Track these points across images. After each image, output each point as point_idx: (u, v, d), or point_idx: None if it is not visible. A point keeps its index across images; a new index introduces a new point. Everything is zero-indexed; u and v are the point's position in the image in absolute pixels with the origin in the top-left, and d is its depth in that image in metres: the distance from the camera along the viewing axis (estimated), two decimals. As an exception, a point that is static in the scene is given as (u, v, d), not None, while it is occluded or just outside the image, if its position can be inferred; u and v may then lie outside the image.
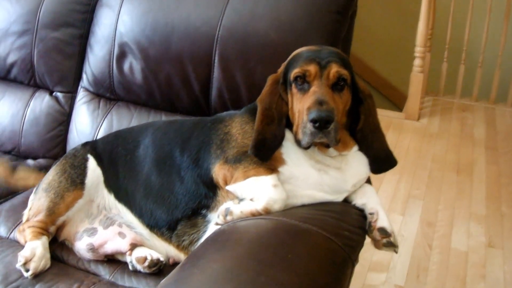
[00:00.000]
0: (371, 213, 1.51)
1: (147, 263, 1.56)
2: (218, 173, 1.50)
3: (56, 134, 2.24)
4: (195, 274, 1.17)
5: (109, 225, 1.66)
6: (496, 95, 4.77)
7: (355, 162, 1.52)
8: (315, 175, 1.47)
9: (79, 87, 2.25)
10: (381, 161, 1.55)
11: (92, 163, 1.72)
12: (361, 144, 1.53)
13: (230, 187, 1.47)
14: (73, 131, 2.21)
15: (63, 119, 2.25)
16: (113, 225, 1.66)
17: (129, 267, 1.61)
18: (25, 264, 1.53)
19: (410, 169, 3.70)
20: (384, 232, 1.46)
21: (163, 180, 1.61)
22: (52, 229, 1.66)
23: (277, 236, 1.30)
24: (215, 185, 1.52)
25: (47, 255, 1.59)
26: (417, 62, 4.47)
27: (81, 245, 1.65)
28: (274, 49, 1.81)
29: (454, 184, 3.52)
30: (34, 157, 2.22)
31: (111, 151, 1.75)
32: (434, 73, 4.94)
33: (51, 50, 2.23)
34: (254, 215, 1.42)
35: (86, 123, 2.18)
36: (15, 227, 1.77)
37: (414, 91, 4.50)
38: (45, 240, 1.62)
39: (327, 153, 1.48)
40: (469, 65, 4.80)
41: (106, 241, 1.64)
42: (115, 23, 2.09)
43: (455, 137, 4.21)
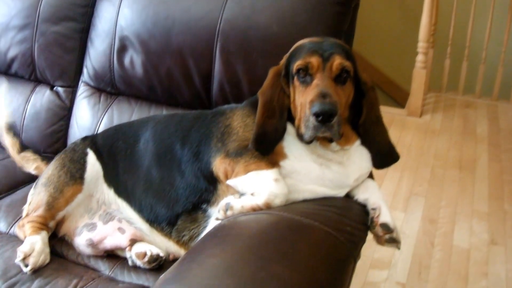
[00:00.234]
0: (373, 209, 1.49)
1: (146, 258, 1.55)
2: (219, 167, 1.48)
3: (56, 129, 2.24)
4: (194, 269, 1.16)
5: (109, 220, 1.65)
6: (499, 92, 4.75)
7: (357, 157, 1.51)
8: (316, 170, 1.45)
9: (80, 82, 2.24)
10: (384, 155, 1.53)
11: (91, 157, 1.71)
12: (363, 138, 1.51)
13: (230, 181, 1.46)
14: (74, 126, 2.21)
15: (64, 114, 2.25)
16: (113, 220, 1.65)
17: (128, 262, 1.60)
18: (24, 259, 1.51)
19: (412, 166, 3.69)
20: (386, 227, 1.45)
21: (163, 174, 1.60)
22: (52, 224, 1.65)
23: (278, 231, 1.29)
24: (215, 179, 1.51)
25: (46, 250, 1.58)
26: (419, 58, 4.46)
27: (80, 240, 1.64)
28: (275, 41, 1.80)
29: (456, 181, 3.51)
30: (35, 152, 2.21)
31: (111, 145, 1.73)
32: (437, 70, 4.92)
33: (52, 44, 2.23)
34: (255, 210, 1.40)
35: (87, 118, 2.17)
36: (15, 222, 1.76)
37: (417, 87, 4.49)
38: (44, 235, 1.61)
39: (329, 147, 1.47)
40: (472, 61, 4.78)
41: (105, 236, 1.63)
42: (115, 16, 2.09)
43: (458, 134, 4.20)
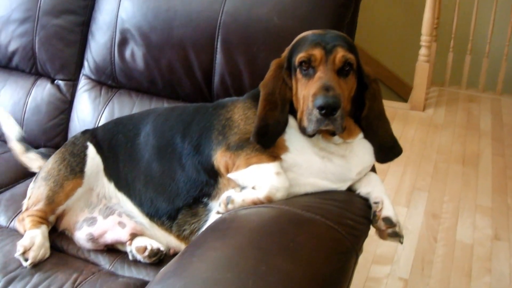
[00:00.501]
0: (376, 202, 1.48)
1: (147, 253, 1.54)
2: (220, 160, 1.47)
3: (57, 122, 2.24)
4: (195, 262, 1.15)
5: (109, 214, 1.64)
6: (503, 86, 4.73)
7: (360, 150, 1.50)
8: (318, 163, 1.44)
9: (81, 75, 2.24)
10: (387, 149, 1.52)
11: (91, 151, 1.70)
12: (366, 131, 1.50)
13: (231, 175, 1.45)
14: (75, 119, 2.20)
15: (65, 107, 2.24)
16: (113, 214, 1.64)
17: (129, 257, 1.59)
18: (24, 253, 1.51)
19: (415, 160, 3.67)
20: (389, 221, 1.43)
21: (163, 168, 1.59)
22: (52, 218, 1.65)
23: (279, 225, 1.28)
24: (216, 172, 1.50)
25: (46, 244, 1.57)
26: (422, 51, 4.43)
27: (80, 234, 1.63)
28: (277, 33, 1.79)
29: (459, 176, 3.49)
30: (36, 146, 2.19)
31: (111, 138, 1.72)
32: (440, 63, 4.90)
33: (53, 37, 2.22)
34: (256, 203, 1.39)
35: (88, 111, 2.17)
36: (15, 216, 1.76)
37: (420, 81, 4.47)
38: (44, 229, 1.60)
39: (331, 140, 1.45)
40: (475, 55, 4.76)
41: (106, 230, 1.62)
42: (116, 9, 2.08)
43: (461, 128, 4.18)
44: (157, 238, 1.59)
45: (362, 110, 1.49)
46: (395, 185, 3.36)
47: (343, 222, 1.34)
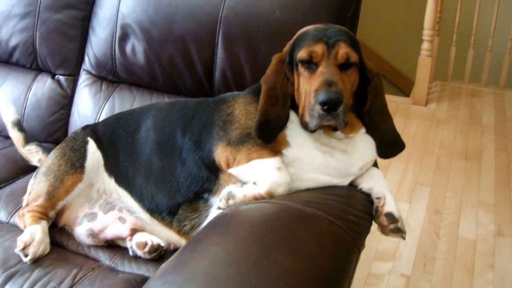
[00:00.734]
0: (378, 198, 1.47)
1: (147, 248, 1.54)
2: (220, 155, 1.46)
3: (58, 117, 2.23)
4: (196, 258, 1.14)
5: (109, 210, 1.64)
6: (506, 80, 4.72)
7: (362, 145, 1.49)
8: (320, 158, 1.43)
9: (81, 70, 2.23)
10: (389, 144, 1.51)
11: (92, 146, 1.69)
12: (368, 126, 1.49)
13: (232, 170, 1.44)
14: (75, 114, 2.20)
15: (65, 103, 2.24)
16: (113, 210, 1.63)
17: (129, 252, 1.58)
18: (24, 249, 1.50)
19: (417, 155, 3.66)
20: (391, 217, 1.42)
21: (164, 163, 1.58)
22: (52, 213, 1.64)
23: (280, 220, 1.27)
24: (217, 168, 1.49)
25: (46, 240, 1.57)
26: (425, 45, 4.42)
27: (81, 230, 1.63)
28: (278, 28, 1.78)
29: (462, 171, 3.48)
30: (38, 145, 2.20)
31: (111, 133, 1.72)
32: (442, 58, 4.88)
33: (53, 32, 2.21)
34: (257, 199, 1.39)
35: (88, 106, 2.16)
36: (15, 211, 1.75)
37: (422, 75, 4.45)
38: (44, 224, 1.59)
39: (333, 135, 1.45)
40: (478, 49, 4.74)
41: (106, 226, 1.61)
42: (117, 4, 2.07)
43: (464, 123, 4.17)
44: (158, 234, 1.59)
45: (364, 105, 1.48)
46: (397, 180, 3.35)
47: (345, 218, 1.33)
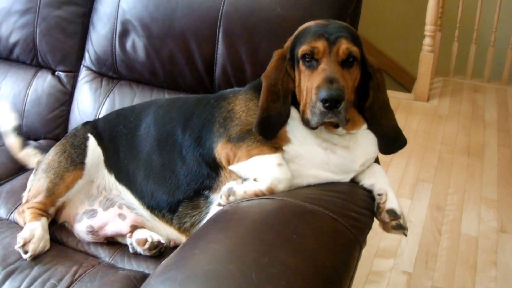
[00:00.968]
0: (379, 194, 1.47)
1: (147, 245, 1.53)
2: (221, 152, 1.45)
3: (58, 114, 2.23)
4: (197, 254, 1.14)
5: (109, 206, 1.63)
6: (509, 76, 4.70)
7: (364, 141, 1.48)
8: (321, 154, 1.43)
9: (82, 66, 2.23)
10: (391, 140, 1.51)
11: (92, 142, 1.69)
12: (370, 122, 1.48)
13: (233, 167, 1.43)
14: (75, 111, 2.19)
15: (65, 99, 2.23)
16: (113, 206, 1.63)
17: (129, 249, 1.58)
18: (24, 245, 1.50)
19: (419, 151, 3.65)
20: (393, 214, 1.42)
21: (164, 160, 1.57)
22: (52, 210, 1.64)
23: (281, 217, 1.26)
24: (217, 165, 1.48)
25: (46, 237, 1.56)
26: (427, 41, 4.40)
27: (80, 227, 1.62)
28: (279, 23, 1.78)
29: (464, 167, 3.47)
30: (36, 138, 2.20)
31: (112, 130, 1.71)
32: (444, 53, 4.86)
33: (54, 28, 2.21)
34: (257, 195, 1.38)
35: (88, 103, 2.16)
36: (15, 208, 1.75)
37: (424, 71, 4.43)
38: (44, 221, 1.59)
39: (334, 131, 1.44)
40: (480, 44, 4.72)
41: (106, 223, 1.61)
42: (117, 0, 2.06)
43: (466, 118, 4.15)
44: (158, 231, 1.58)
45: (366, 101, 1.47)
46: (399, 176, 3.34)
47: (346, 214, 1.33)
